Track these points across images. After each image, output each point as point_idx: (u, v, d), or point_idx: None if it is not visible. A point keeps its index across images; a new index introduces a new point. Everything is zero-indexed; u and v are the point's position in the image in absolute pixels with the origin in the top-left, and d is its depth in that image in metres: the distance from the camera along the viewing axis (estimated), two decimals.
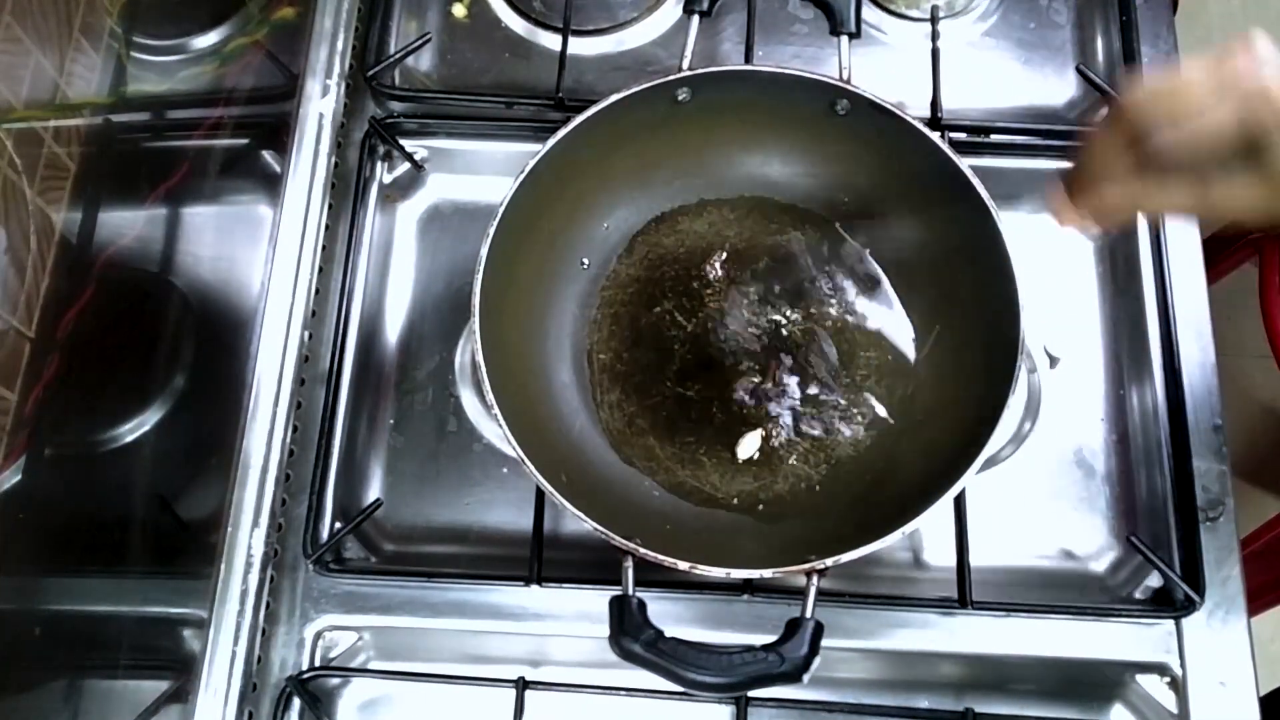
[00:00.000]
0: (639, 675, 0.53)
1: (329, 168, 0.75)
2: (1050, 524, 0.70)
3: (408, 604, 0.67)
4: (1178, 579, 0.65)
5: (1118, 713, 0.67)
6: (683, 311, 0.71)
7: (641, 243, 0.73)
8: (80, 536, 0.57)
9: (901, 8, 0.81)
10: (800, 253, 0.72)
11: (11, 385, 0.49)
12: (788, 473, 0.67)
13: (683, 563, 0.55)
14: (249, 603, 0.64)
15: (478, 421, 0.73)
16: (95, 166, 0.57)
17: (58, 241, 0.53)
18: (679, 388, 0.69)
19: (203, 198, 0.69)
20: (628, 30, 0.82)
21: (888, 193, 0.70)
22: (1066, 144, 0.75)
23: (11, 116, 0.50)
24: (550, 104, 0.76)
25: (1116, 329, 0.74)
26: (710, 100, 0.66)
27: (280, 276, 0.71)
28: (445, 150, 0.79)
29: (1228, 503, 0.68)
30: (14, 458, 0.49)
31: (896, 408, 0.68)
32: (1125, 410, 0.72)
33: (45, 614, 0.54)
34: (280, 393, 0.69)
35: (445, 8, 0.83)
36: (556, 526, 0.68)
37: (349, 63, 0.78)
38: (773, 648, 0.52)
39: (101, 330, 0.57)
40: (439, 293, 0.76)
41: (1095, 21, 0.82)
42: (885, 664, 0.68)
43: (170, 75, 0.67)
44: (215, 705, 0.62)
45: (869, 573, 0.68)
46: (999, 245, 0.60)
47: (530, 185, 0.62)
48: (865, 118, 0.65)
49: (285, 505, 0.69)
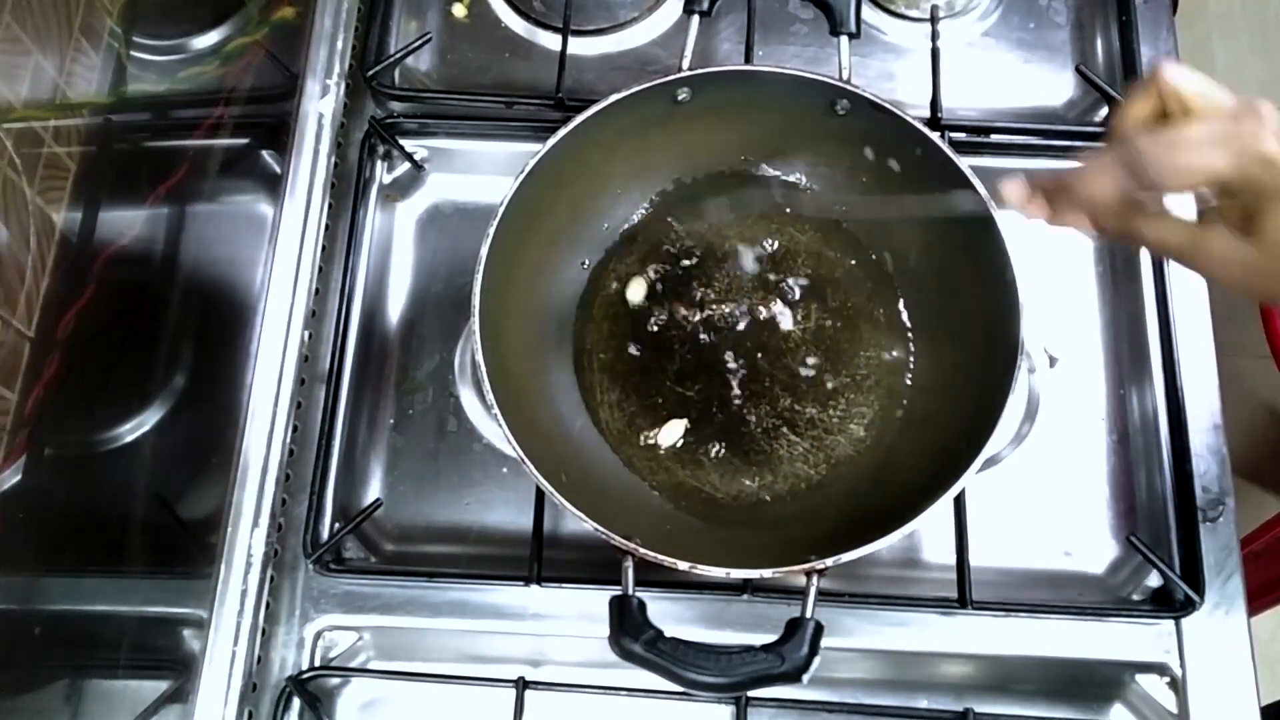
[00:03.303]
0: (639, 675, 0.53)
1: (329, 168, 0.75)
2: (1050, 524, 0.70)
3: (408, 604, 0.67)
4: (1178, 579, 0.65)
5: (1118, 713, 0.67)
6: (683, 311, 0.71)
7: (641, 243, 0.73)
8: (80, 536, 0.57)
9: (901, 8, 0.81)
10: (800, 252, 0.72)
11: (11, 385, 0.49)
12: (788, 473, 0.67)
13: (683, 563, 0.55)
14: (249, 603, 0.64)
15: (478, 421, 0.73)
16: (95, 166, 0.57)
17: (58, 241, 0.53)
18: (679, 388, 0.69)
19: (203, 197, 0.69)
20: (628, 30, 0.82)
21: (888, 192, 0.70)
22: (1067, 144, 0.75)
23: (11, 116, 0.50)
24: (550, 104, 0.76)
25: (1116, 329, 0.74)
26: (710, 100, 0.66)
27: (280, 276, 0.71)
28: (445, 150, 0.79)
29: (1228, 503, 0.68)
30: (14, 458, 0.49)
31: (896, 408, 0.68)
32: (1125, 410, 0.72)
33: (45, 614, 0.54)
34: (280, 393, 0.69)
35: (445, 8, 0.83)
36: (556, 526, 0.68)
37: (349, 63, 0.78)
38: (773, 648, 0.52)
39: (101, 330, 0.57)
40: (439, 292, 0.76)
41: (1095, 21, 0.82)
42: (885, 664, 0.68)
43: (170, 75, 0.67)
44: (215, 705, 0.62)
45: (869, 573, 0.68)
46: (999, 245, 0.60)
47: (530, 185, 0.62)
48: (865, 118, 0.65)
49: (285, 505, 0.69)
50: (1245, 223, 0.46)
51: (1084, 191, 0.50)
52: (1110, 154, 0.49)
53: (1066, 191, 0.51)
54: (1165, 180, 0.46)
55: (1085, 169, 0.51)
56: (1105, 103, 0.77)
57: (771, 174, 0.73)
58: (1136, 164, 0.47)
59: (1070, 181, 0.51)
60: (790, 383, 0.69)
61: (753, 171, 0.73)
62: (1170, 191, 0.47)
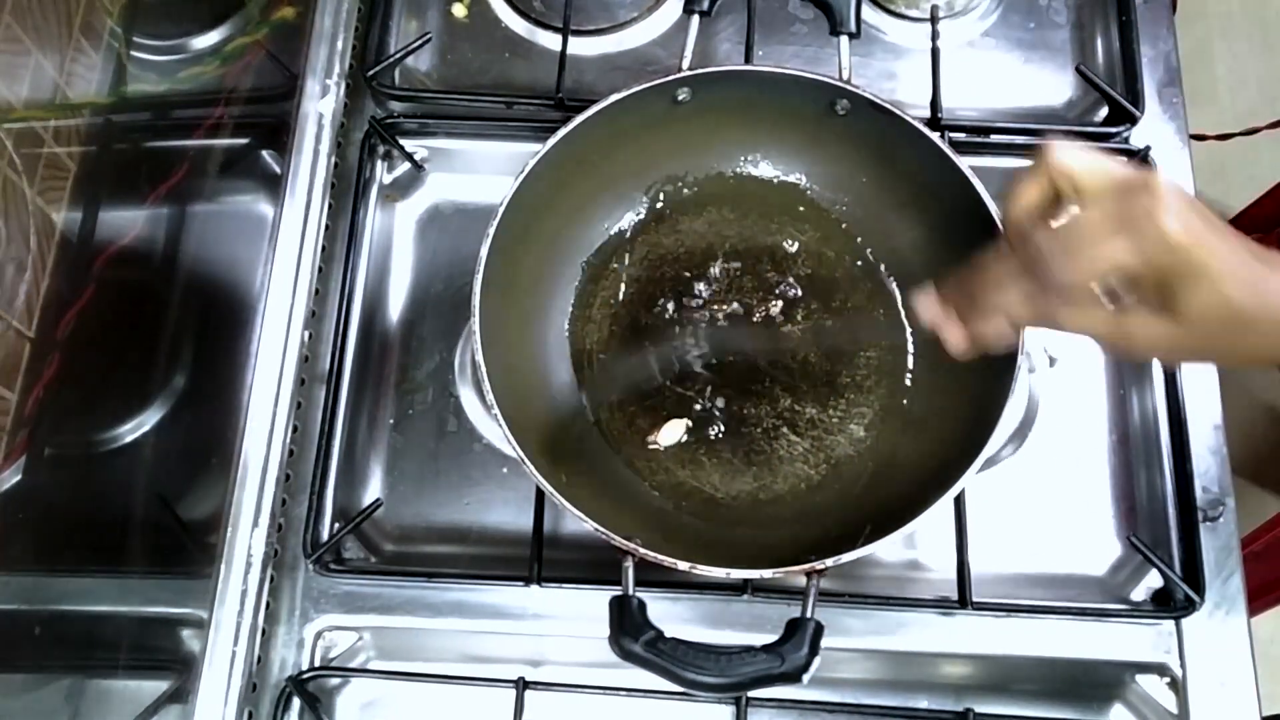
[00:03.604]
0: (639, 675, 0.53)
1: (329, 168, 0.75)
2: (1050, 524, 0.70)
3: (408, 604, 0.67)
4: (1178, 579, 0.65)
5: (1118, 713, 0.67)
6: (682, 311, 0.71)
7: (641, 242, 0.73)
8: (80, 536, 0.57)
9: (901, 8, 0.82)
10: (800, 253, 0.72)
11: (11, 385, 0.49)
12: (788, 473, 0.67)
13: (683, 563, 0.55)
14: (249, 603, 0.64)
15: (478, 421, 0.73)
16: (95, 166, 0.57)
17: (58, 241, 0.53)
18: (679, 388, 0.69)
19: (203, 198, 0.69)
20: (628, 30, 0.82)
21: (887, 192, 0.70)
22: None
23: (11, 116, 0.50)
24: (550, 104, 0.76)
25: None
26: (710, 100, 0.67)
27: (280, 276, 0.71)
28: (445, 150, 0.79)
29: (1228, 503, 0.68)
30: (14, 458, 0.49)
31: (896, 408, 0.68)
32: (1125, 410, 0.72)
33: (45, 614, 0.54)
34: (280, 393, 0.69)
35: (445, 8, 0.83)
36: (556, 526, 0.68)
37: (349, 63, 0.78)
38: (773, 648, 0.52)
39: (101, 330, 0.57)
40: (439, 292, 0.76)
41: (1095, 21, 0.82)
42: (885, 664, 0.68)
43: (170, 75, 0.67)
44: (215, 705, 0.62)
45: (869, 573, 0.68)
46: (999, 245, 0.60)
47: (530, 185, 0.62)
48: (865, 118, 0.65)
49: (285, 505, 0.69)
50: (1163, 302, 0.44)
51: (992, 299, 0.49)
52: (1008, 254, 0.48)
53: (974, 300, 0.51)
54: (1068, 278, 0.45)
55: (987, 274, 0.50)
56: (1105, 103, 0.77)
57: (771, 174, 0.73)
58: (1038, 263, 0.45)
59: (975, 290, 0.50)
60: (790, 383, 0.69)
61: (753, 171, 0.73)
62: (1076, 288, 0.46)
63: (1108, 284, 0.46)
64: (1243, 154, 1.40)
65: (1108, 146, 0.75)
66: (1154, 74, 0.78)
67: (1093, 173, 0.45)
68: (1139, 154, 0.74)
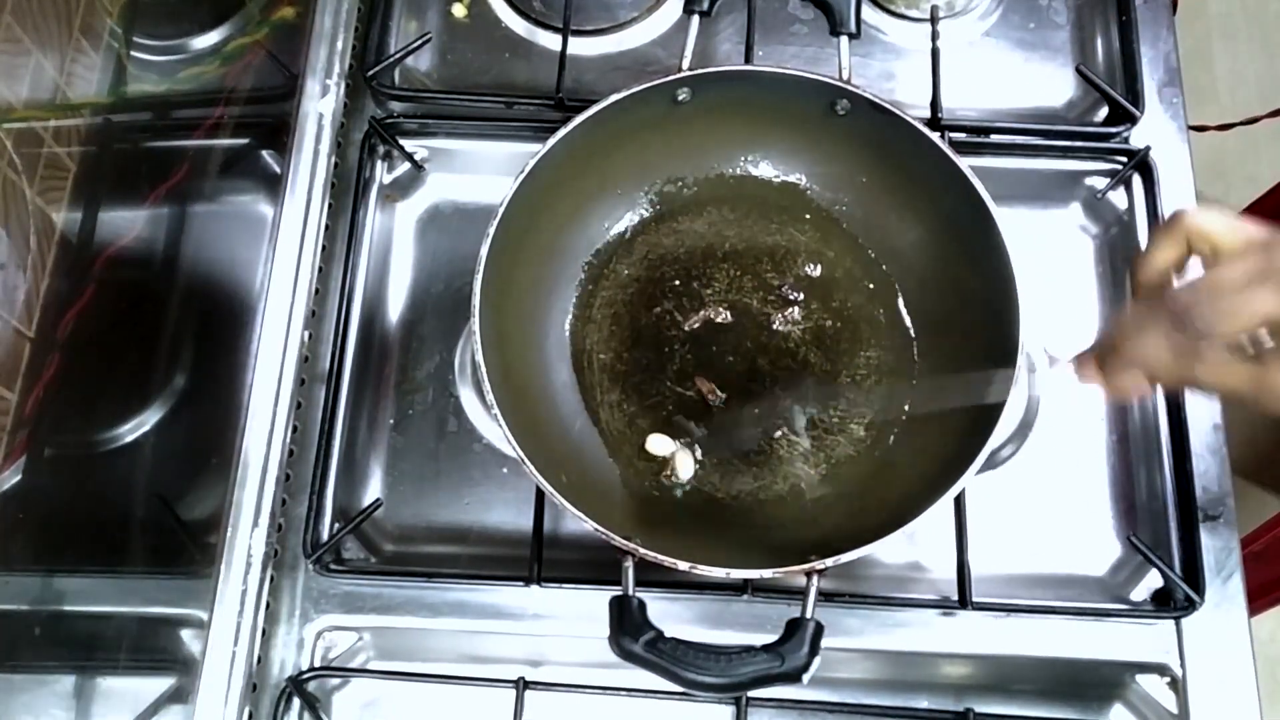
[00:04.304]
0: (639, 675, 0.53)
1: (329, 168, 0.75)
2: (1050, 524, 0.70)
3: (407, 604, 0.67)
4: (1178, 579, 0.65)
5: (1118, 713, 0.67)
6: (682, 311, 0.71)
7: (641, 243, 0.73)
8: (80, 536, 0.57)
9: (901, 8, 0.81)
10: (800, 252, 0.72)
11: (11, 385, 0.49)
12: (788, 473, 0.67)
13: (683, 563, 0.55)
14: (249, 603, 0.64)
15: (478, 421, 0.73)
16: (95, 166, 0.57)
17: (58, 241, 0.53)
18: (679, 388, 0.69)
19: (203, 198, 0.69)
20: (628, 30, 0.82)
21: (887, 193, 0.70)
22: (1066, 144, 0.76)
23: (11, 116, 0.50)
24: (550, 104, 0.76)
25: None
26: (710, 100, 0.66)
27: (280, 276, 0.71)
28: (445, 150, 0.79)
29: (1228, 503, 0.68)
30: (14, 458, 0.49)
31: (896, 408, 0.68)
32: (1125, 410, 0.72)
33: (45, 614, 0.54)
34: (280, 393, 0.69)
35: (445, 8, 0.83)
36: (556, 526, 0.68)
37: (349, 63, 0.78)
38: (773, 648, 0.52)
39: (101, 330, 0.57)
40: (439, 293, 0.76)
41: (1095, 21, 0.82)
42: (885, 664, 0.68)
43: (170, 75, 0.67)
44: (215, 705, 0.62)
45: (869, 573, 0.68)
46: (999, 245, 0.60)
47: (530, 185, 0.62)
48: (865, 118, 0.65)
49: (285, 505, 0.69)
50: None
51: (1134, 352, 0.50)
52: (1148, 309, 0.49)
53: (1116, 354, 0.51)
54: (1216, 328, 0.46)
55: (1128, 328, 0.50)
56: (1105, 103, 0.77)
57: (771, 174, 0.73)
58: (1182, 316, 0.46)
59: (1118, 343, 0.51)
60: (790, 383, 0.69)
61: (753, 172, 0.73)
62: (1222, 340, 0.47)
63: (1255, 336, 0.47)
64: (1242, 153, 1.41)
65: (1108, 146, 0.75)
66: (1154, 74, 0.78)
67: (1231, 232, 0.47)
68: (1139, 154, 0.74)
